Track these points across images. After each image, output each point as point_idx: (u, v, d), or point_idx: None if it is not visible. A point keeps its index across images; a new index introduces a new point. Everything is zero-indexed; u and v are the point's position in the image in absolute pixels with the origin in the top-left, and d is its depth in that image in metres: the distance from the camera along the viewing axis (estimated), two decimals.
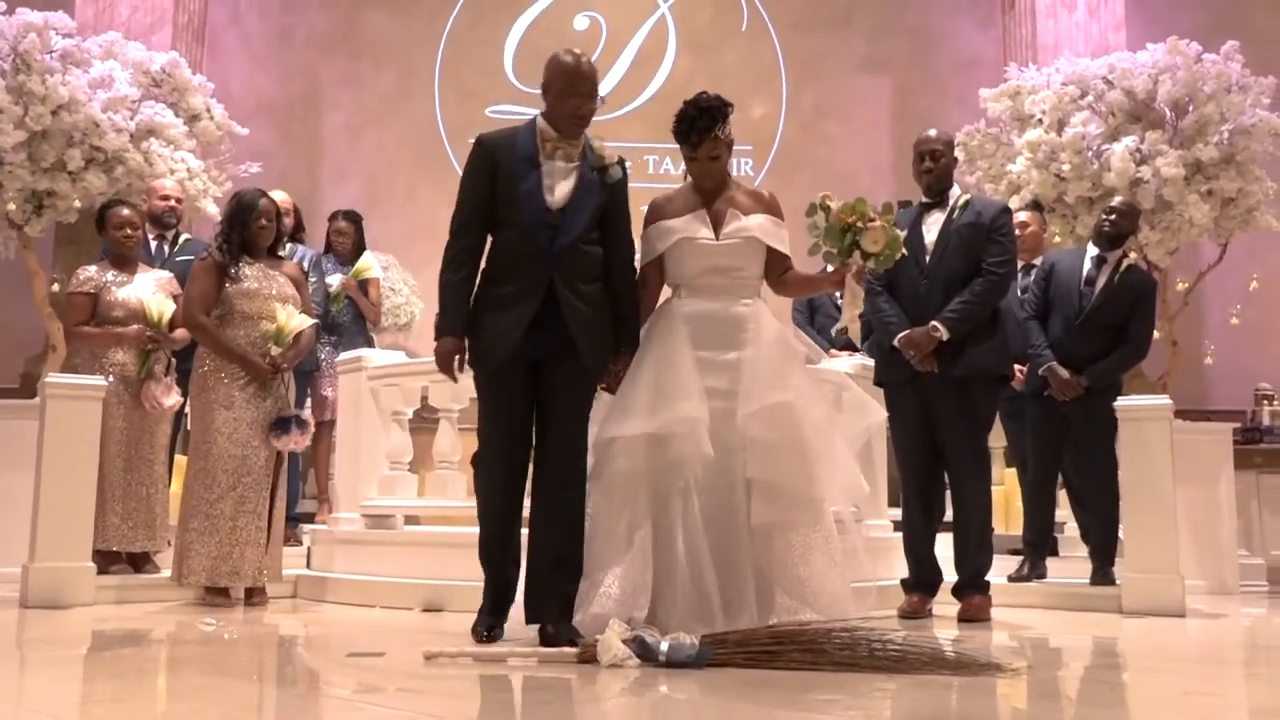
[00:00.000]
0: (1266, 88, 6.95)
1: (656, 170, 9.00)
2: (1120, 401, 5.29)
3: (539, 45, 9.20)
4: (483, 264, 3.64)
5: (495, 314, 3.53)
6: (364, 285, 6.55)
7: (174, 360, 5.32)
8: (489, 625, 3.58)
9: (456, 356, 3.57)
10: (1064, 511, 5.95)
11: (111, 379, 5.12)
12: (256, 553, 4.78)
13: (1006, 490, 6.52)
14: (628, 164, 3.73)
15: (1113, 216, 5.42)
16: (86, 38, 7.20)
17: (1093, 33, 8.30)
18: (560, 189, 3.54)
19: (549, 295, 3.50)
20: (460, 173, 3.70)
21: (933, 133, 4.82)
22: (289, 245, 5.81)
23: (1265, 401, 8.31)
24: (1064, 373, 5.19)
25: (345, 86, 9.19)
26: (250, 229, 4.91)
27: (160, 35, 8.02)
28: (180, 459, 6.01)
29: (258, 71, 9.15)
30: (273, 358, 4.84)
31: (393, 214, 8.25)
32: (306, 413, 5.17)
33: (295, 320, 4.90)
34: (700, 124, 3.68)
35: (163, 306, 5.19)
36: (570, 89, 3.55)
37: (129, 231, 5.34)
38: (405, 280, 7.92)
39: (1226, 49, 7.02)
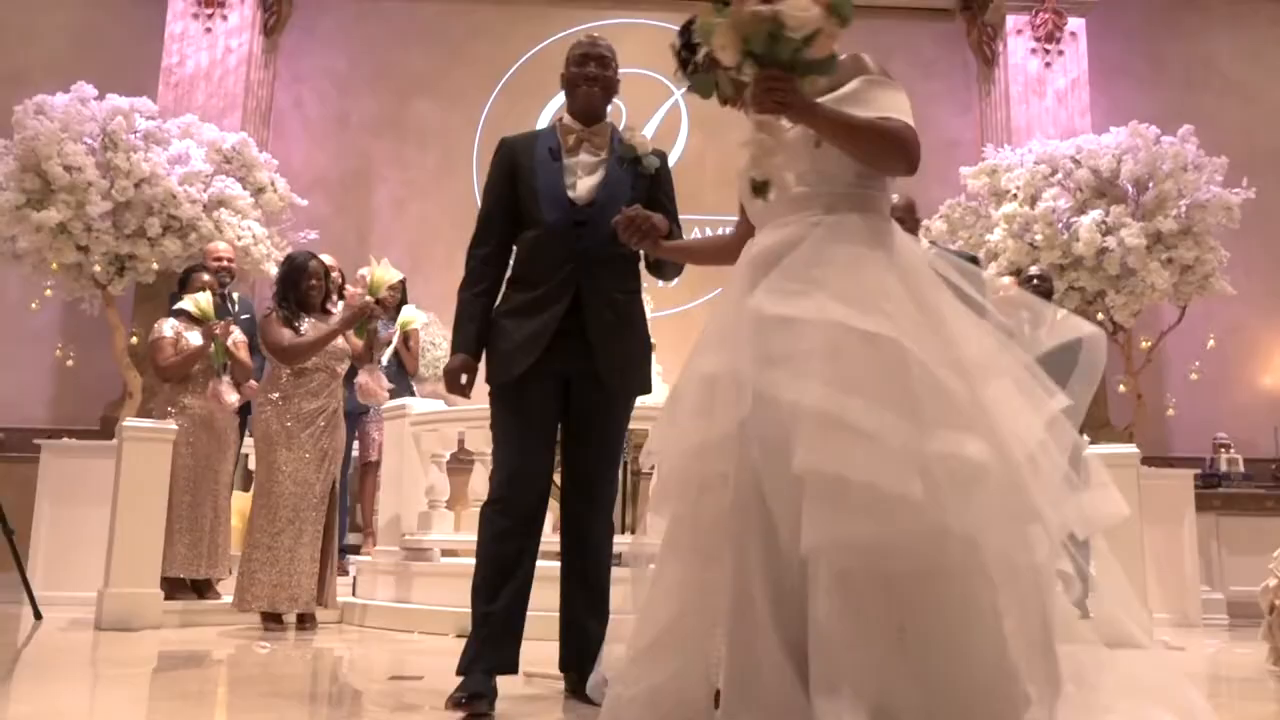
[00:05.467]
0: (1219, 166, 6.96)
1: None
2: (1089, 450, 5.26)
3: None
4: (509, 270, 2.98)
5: (515, 320, 2.84)
6: (406, 338, 6.57)
7: (228, 364, 5.30)
8: (472, 692, 2.65)
9: (465, 374, 2.87)
10: None
11: (184, 423, 5.17)
12: (311, 581, 4.77)
13: None
14: (665, 154, 3.04)
15: (1035, 282, 5.72)
16: (167, 120, 7.32)
17: (1061, 117, 8.34)
18: (585, 184, 2.90)
19: (575, 302, 2.83)
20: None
21: (895, 197, 4.90)
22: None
23: (1222, 450, 8.24)
24: None
25: (393, 164, 9.30)
26: (301, 288, 4.99)
27: (231, 118, 8.14)
28: (239, 494, 6.03)
29: (316, 150, 9.27)
30: (367, 303, 4.92)
31: (433, 276, 8.29)
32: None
33: (389, 274, 5.02)
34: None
35: (204, 302, 5.25)
36: (580, 59, 2.96)
37: (208, 294, 5.47)
38: (445, 336, 7.96)
39: (1182, 132, 7.05)
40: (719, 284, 9.07)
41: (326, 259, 6.28)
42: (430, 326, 7.73)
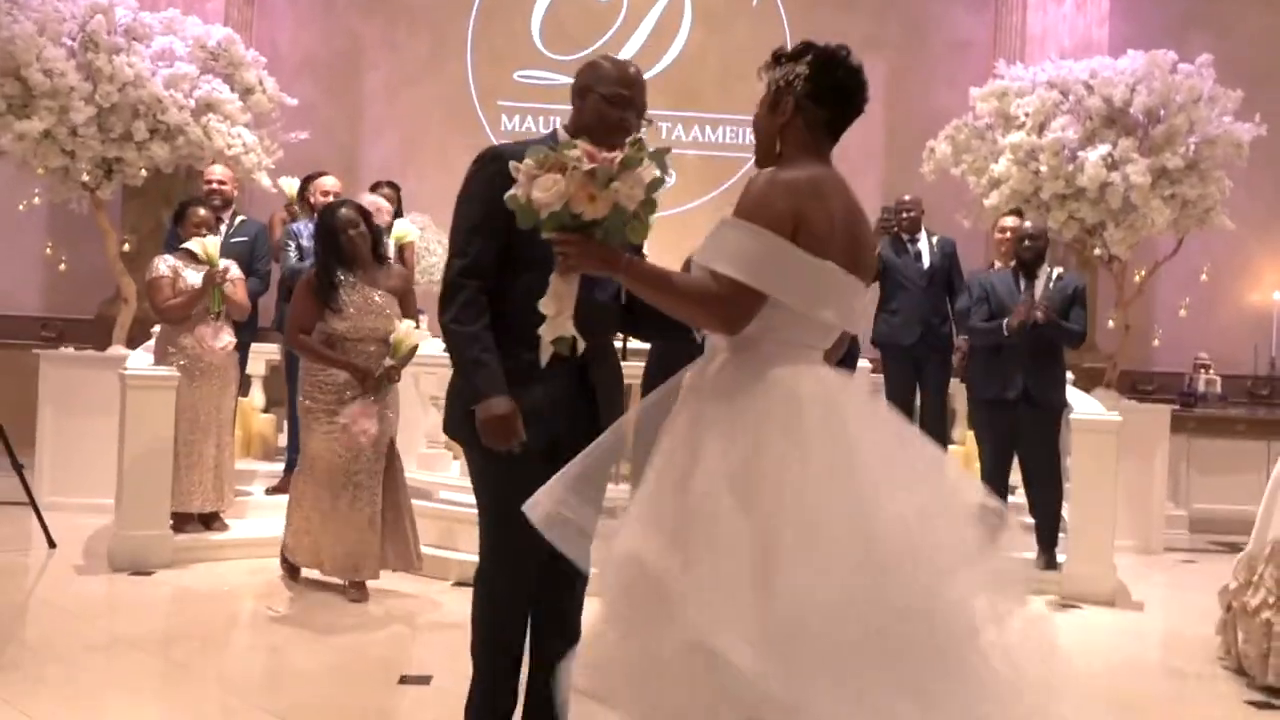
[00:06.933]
0: (1234, 100, 6.77)
1: (669, 135, 8.78)
2: (1075, 415, 5.41)
3: (564, 14, 8.91)
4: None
5: (515, 386, 2.52)
6: (401, 250, 6.52)
7: (224, 310, 5.34)
8: None
9: (515, 419, 2.49)
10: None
11: (183, 362, 5.23)
12: (359, 548, 4.60)
13: (966, 450, 6.63)
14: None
15: (1026, 242, 5.70)
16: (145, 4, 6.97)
17: (1078, 26, 8.02)
18: None
19: (582, 359, 2.52)
20: (492, 139, 2.74)
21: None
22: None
23: (1202, 370, 8.40)
24: (1020, 313, 5.44)
25: (384, 47, 8.91)
26: (340, 242, 4.58)
27: None
28: (241, 401, 6.11)
29: (302, 30, 8.86)
30: (386, 368, 4.63)
31: (426, 174, 8.08)
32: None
33: (412, 338, 4.68)
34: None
35: (212, 247, 5.26)
36: (619, 97, 2.61)
37: (204, 231, 5.39)
38: (439, 241, 7.85)
39: (1201, 61, 6.81)
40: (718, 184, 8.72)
41: (330, 182, 6.16)
42: (425, 231, 7.63)
